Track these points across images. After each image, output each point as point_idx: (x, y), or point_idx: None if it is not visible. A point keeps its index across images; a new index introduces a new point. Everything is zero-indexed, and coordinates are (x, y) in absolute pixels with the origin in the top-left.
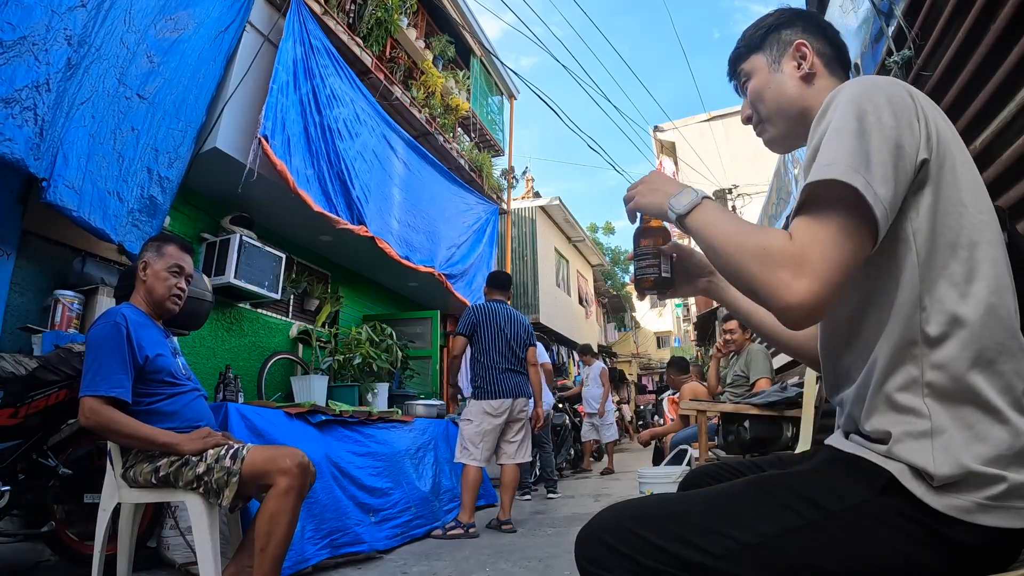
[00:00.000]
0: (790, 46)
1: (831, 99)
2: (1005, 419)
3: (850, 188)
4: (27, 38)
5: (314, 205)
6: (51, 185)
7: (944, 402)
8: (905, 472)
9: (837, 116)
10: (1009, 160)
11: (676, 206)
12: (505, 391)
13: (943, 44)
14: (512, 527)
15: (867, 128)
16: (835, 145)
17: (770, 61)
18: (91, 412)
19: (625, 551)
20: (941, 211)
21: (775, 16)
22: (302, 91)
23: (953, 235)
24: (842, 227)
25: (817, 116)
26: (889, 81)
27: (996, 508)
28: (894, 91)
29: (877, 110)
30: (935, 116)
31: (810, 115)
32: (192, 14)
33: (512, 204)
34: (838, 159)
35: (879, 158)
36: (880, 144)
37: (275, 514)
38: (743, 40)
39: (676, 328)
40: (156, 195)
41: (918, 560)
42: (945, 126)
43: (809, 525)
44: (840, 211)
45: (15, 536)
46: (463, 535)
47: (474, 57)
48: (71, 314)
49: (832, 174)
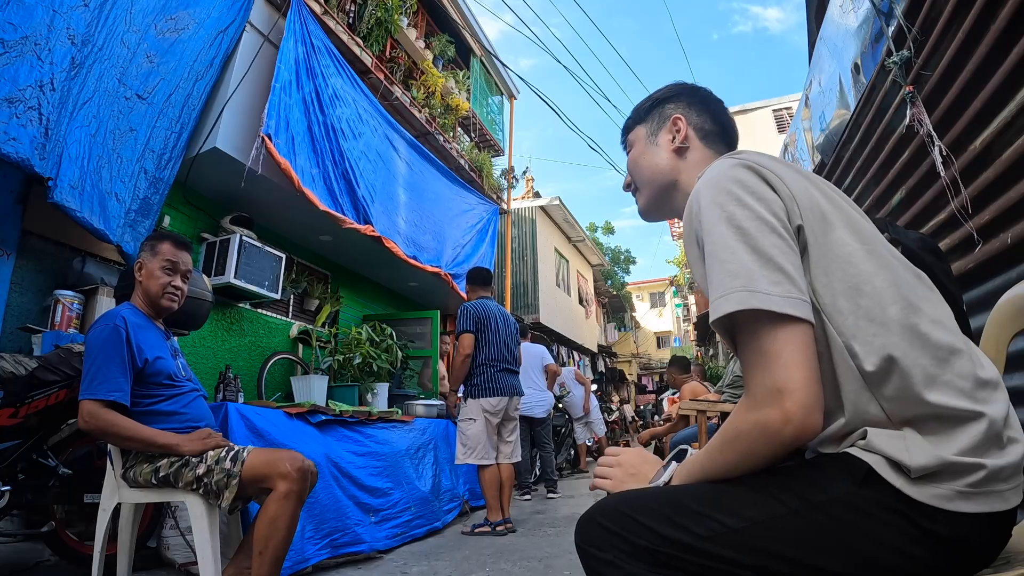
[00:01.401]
0: (668, 120)
1: (693, 205)
2: (974, 415)
3: (759, 312)
4: (29, 37)
5: (319, 204)
6: (56, 185)
7: (913, 424)
8: (882, 463)
9: (707, 231)
10: (1009, 160)
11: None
12: (502, 389)
13: (943, 44)
14: (512, 526)
15: (737, 232)
16: (719, 267)
17: (649, 133)
18: (90, 416)
19: (617, 531)
20: (830, 259)
21: (665, 90)
22: (305, 90)
23: (848, 277)
24: (781, 342)
25: (686, 222)
26: (735, 169)
27: (977, 495)
28: (743, 176)
29: (738, 206)
30: (791, 178)
31: (680, 188)
32: (192, 14)
33: (512, 204)
34: (728, 284)
35: (762, 258)
36: (756, 241)
37: (275, 518)
38: (633, 111)
39: (676, 328)
40: (151, 196)
41: (902, 550)
42: (803, 182)
43: (793, 514)
44: (768, 330)
45: (15, 536)
46: (491, 532)
47: (474, 57)
48: (71, 314)
49: (730, 307)
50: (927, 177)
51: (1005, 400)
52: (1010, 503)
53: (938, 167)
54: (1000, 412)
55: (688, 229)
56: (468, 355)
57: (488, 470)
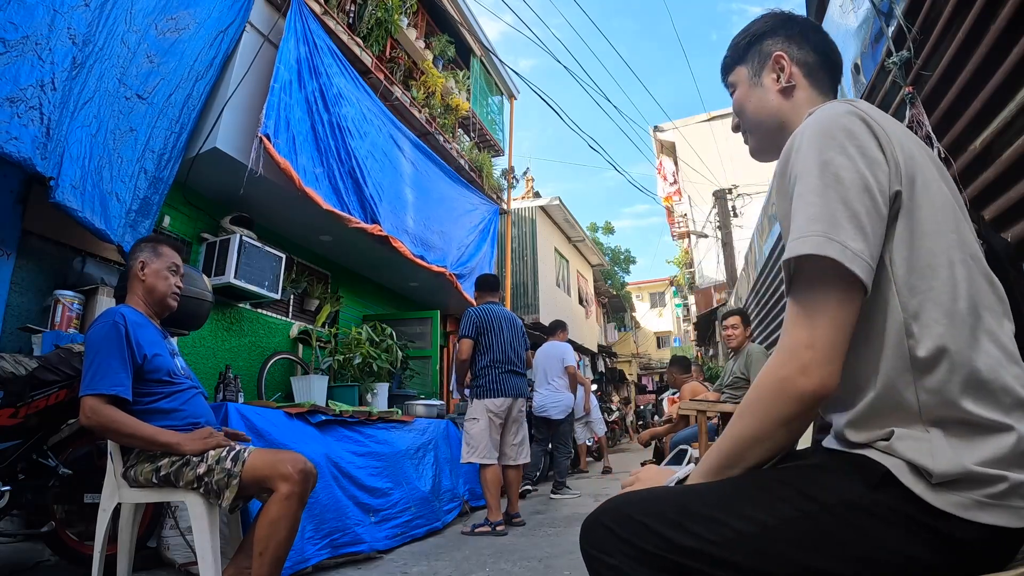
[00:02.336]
0: (769, 58)
1: (796, 141)
2: (1004, 427)
3: (827, 259)
4: (30, 37)
5: (323, 203)
6: (58, 185)
7: (941, 424)
8: (903, 468)
9: (801, 171)
10: (1009, 160)
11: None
12: (506, 391)
13: (943, 44)
14: (521, 519)
15: (833, 180)
16: (804, 209)
17: (751, 74)
18: (91, 411)
19: (624, 535)
20: (917, 235)
21: (759, 24)
22: (307, 89)
23: (930, 256)
24: (829, 300)
25: (783, 156)
26: (848, 117)
27: (995, 506)
28: (854, 127)
29: (841, 155)
30: (900, 140)
31: (788, 129)
32: (192, 14)
33: (512, 204)
34: (808, 228)
35: (849, 211)
36: (848, 194)
37: (276, 519)
38: (730, 49)
39: (676, 328)
40: (151, 196)
41: (912, 554)
42: (912, 147)
43: (804, 517)
44: (824, 284)
45: (15, 536)
46: (491, 532)
47: (474, 57)
48: (71, 314)
49: (806, 249)
50: None
51: None
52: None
53: None
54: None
55: (783, 163)
56: (464, 360)
57: (490, 470)
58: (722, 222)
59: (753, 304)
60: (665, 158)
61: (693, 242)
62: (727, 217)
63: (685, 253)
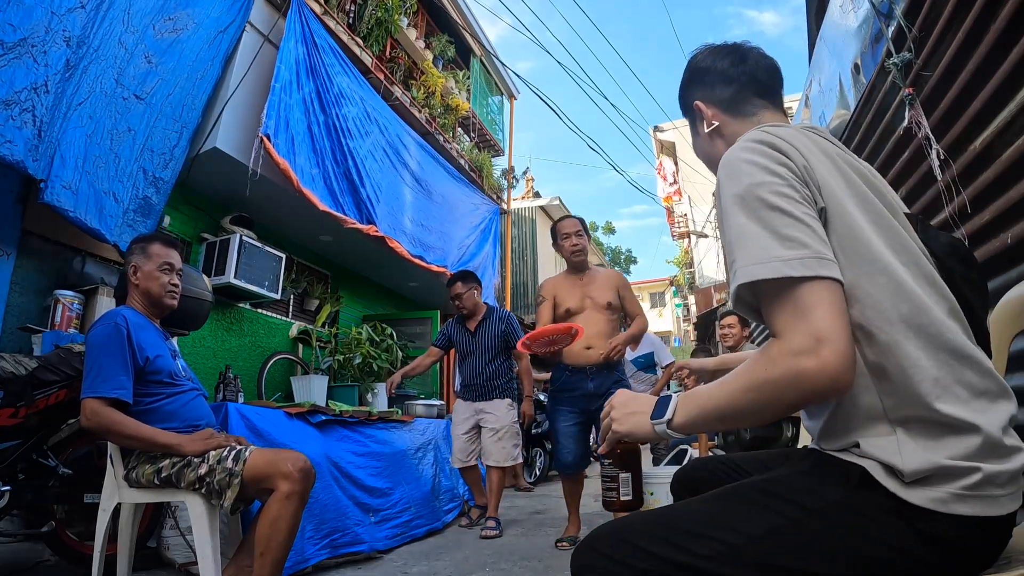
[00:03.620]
0: (691, 110)
1: (718, 181)
2: (968, 425)
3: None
4: (27, 40)
5: (319, 204)
6: (48, 186)
7: (906, 422)
8: (877, 468)
9: (724, 208)
10: (1009, 160)
11: (660, 417)
12: (486, 393)
13: (943, 44)
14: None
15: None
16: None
17: (691, 125)
18: (92, 414)
19: (617, 557)
20: (849, 245)
21: (682, 79)
22: (305, 90)
23: (865, 264)
24: (813, 294)
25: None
26: (750, 144)
27: (972, 497)
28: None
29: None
30: (814, 152)
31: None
32: (191, 14)
33: (512, 204)
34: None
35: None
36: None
37: (276, 519)
38: (679, 102)
39: (676, 328)
40: (151, 195)
41: (901, 552)
42: (832, 158)
43: (791, 524)
44: (797, 288)
45: (15, 536)
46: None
47: (474, 57)
48: (71, 314)
49: (758, 275)
50: (926, 178)
51: (1006, 410)
52: (1005, 509)
53: (935, 170)
54: (997, 423)
55: (716, 202)
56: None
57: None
58: None
59: None
60: (665, 158)
61: (693, 242)
62: None
63: (685, 253)
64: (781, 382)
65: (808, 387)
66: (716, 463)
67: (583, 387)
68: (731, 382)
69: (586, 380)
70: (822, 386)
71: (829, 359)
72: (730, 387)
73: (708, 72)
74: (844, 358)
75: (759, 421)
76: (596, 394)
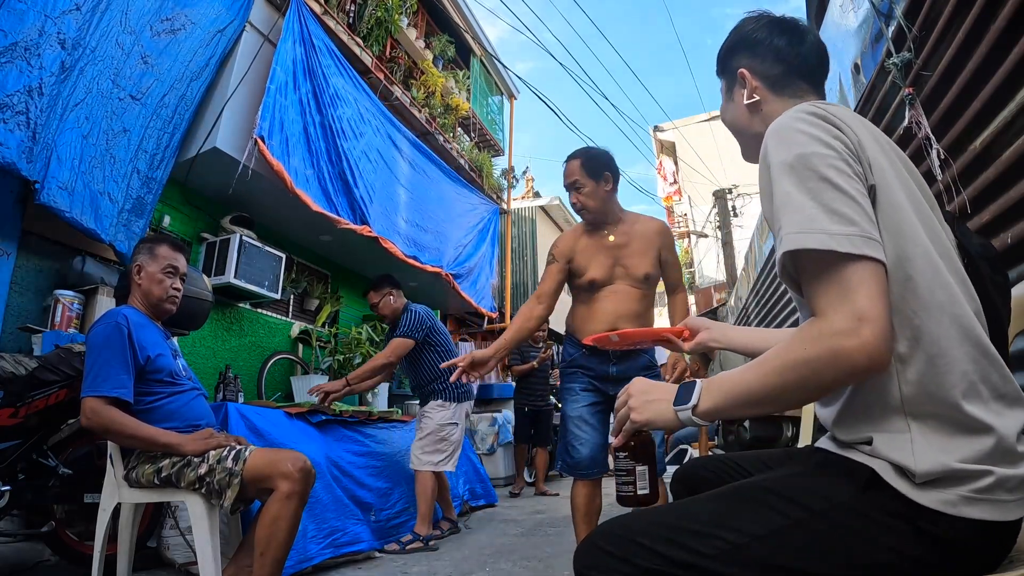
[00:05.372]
0: (735, 76)
1: (763, 151)
2: (985, 425)
3: (830, 252)
4: (19, 43)
5: (313, 205)
6: (43, 187)
7: (922, 417)
8: (887, 468)
9: (775, 175)
10: (1009, 160)
11: (685, 403)
12: (472, 391)
13: (943, 44)
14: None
15: (806, 172)
16: (787, 207)
17: (726, 88)
18: (93, 413)
19: (621, 555)
20: (894, 226)
21: (730, 37)
22: (301, 91)
23: (909, 246)
24: (857, 272)
25: (760, 158)
26: (801, 114)
27: (982, 501)
28: (809, 121)
29: (803, 146)
30: (865, 134)
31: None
32: (189, 14)
33: (512, 204)
34: (803, 223)
35: (833, 193)
36: (826, 174)
37: (276, 518)
38: (717, 59)
39: None
40: (144, 195)
41: (906, 553)
42: (880, 143)
43: (795, 524)
44: (843, 264)
45: (15, 536)
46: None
47: (474, 57)
48: (71, 314)
49: (806, 244)
50: (926, 178)
51: (1021, 417)
52: (1013, 515)
53: (935, 171)
54: (1013, 428)
55: (762, 169)
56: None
57: (437, 477)
58: (722, 222)
59: (753, 304)
60: (665, 158)
61: (693, 242)
62: (727, 217)
63: (685, 253)
64: (820, 361)
65: (847, 366)
66: (717, 462)
67: (603, 370)
68: (764, 364)
69: (607, 363)
70: (861, 364)
71: (869, 338)
72: (763, 369)
73: (761, 44)
74: (884, 337)
75: (792, 404)
76: (617, 379)
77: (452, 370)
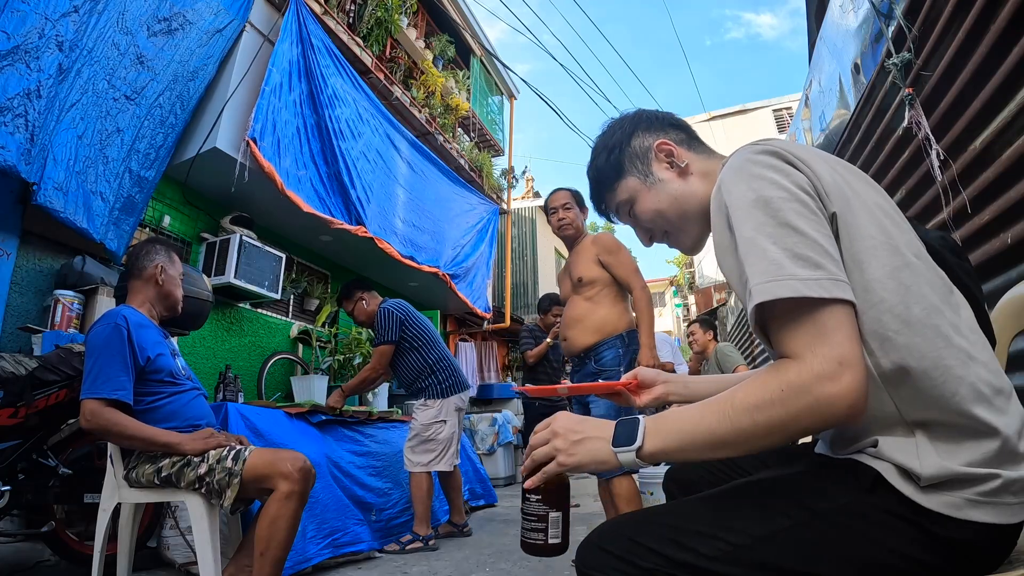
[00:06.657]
0: (650, 152)
1: (720, 194)
2: (991, 430)
3: (799, 300)
4: (20, 47)
5: (304, 206)
6: (41, 188)
7: (925, 427)
8: (892, 470)
9: (735, 220)
10: (1009, 160)
11: (627, 445)
12: (465, 381)
13: (943, 44)
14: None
15: (767, 210)
16: (756, 255)
17: (643, 177)
18: (92, 415)
19: (621, 554)
20: (859, 251)
21: (615, 135)
22: (296, 92)
23: (876, 269)
24: (833, 316)
25: (715, 215)
26: (757, 153)
27: (987, 504)
28: (768, 159)
29: (766, 184)
30: (817, 161)
31: (707, 206)
32: (187, 14)
33: (512, 204)
34: (770, 271)
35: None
36: (789, 221)
37: (276, 518)
38: (596, 179)
39: (676, 328)
40: (135, 194)
41: (908, 556)
42: (831, 164)
43: (798, 525)
44: (816, 308)
45: (15, 536)
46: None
47: (474, 57)
48: (71, 314)
49: (778, 293)
50: (926, 178)
51: (1020, 411)
52: (1017, 517)
53: (934, 171)
54: (1015, 427)
55: (717, 218)
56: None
57: (428, 477)
58: None
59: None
60: None
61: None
62: None
63: None
64: (796, 405)
65: (827, 411)
66: (712, 461)
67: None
68: (726, 403)
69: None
70: (841, 412)
71: (851, 385)
72: (725, 408)
73: (652, 120)
74: (863, 385)
75: (754, 448)
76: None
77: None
